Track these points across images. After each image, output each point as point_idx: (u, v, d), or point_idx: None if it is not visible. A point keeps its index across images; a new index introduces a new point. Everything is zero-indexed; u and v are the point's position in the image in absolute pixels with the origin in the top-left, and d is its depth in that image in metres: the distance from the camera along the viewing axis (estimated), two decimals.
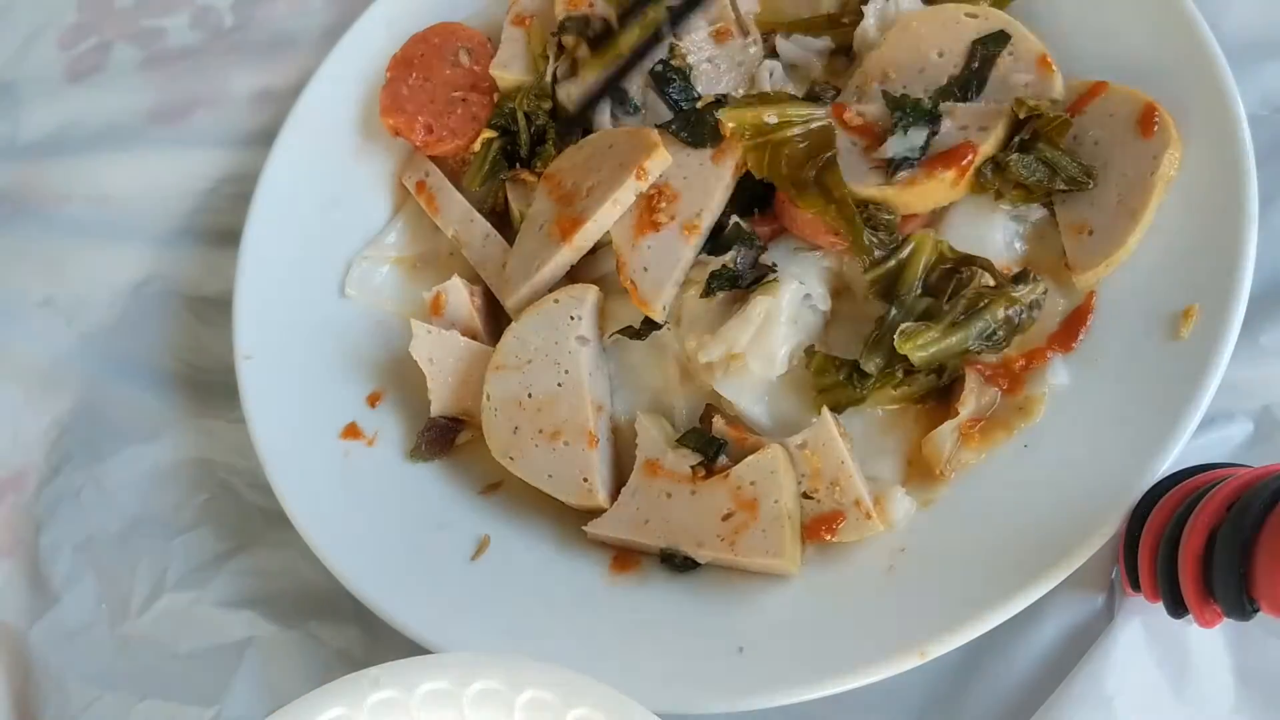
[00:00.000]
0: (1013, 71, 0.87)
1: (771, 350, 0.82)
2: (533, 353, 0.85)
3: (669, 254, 0.85)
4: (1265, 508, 0.59)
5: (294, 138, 1.03)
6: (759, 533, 0.76)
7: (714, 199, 0.85)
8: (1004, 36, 0.87)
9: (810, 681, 0.70)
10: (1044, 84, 0.85)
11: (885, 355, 0.78)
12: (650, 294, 0.85)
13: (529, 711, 0.59)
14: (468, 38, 1.03)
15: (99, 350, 1.06)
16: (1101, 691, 0.70)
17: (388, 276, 1.01)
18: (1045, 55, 0.86)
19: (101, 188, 1.16)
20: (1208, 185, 0.78)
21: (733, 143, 0.85)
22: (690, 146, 0.87)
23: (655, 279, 0.85)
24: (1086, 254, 0.81)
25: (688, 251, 0.85)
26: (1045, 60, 0.86)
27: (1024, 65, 0.86)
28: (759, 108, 0.84)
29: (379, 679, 0.60)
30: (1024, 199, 0.83)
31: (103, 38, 1.27)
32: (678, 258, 0.85)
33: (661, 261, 0.85)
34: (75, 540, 0.95)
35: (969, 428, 0.78)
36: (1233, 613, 0.61)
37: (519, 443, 0.84)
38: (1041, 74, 0.86)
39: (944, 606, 0.71)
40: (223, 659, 0.87)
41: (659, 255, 0.86)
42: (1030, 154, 0.82)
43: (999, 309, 0.78)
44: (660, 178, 0.87)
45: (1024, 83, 0.86)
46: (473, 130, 1.00)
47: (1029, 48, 0.87)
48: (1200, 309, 0.75)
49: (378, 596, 0.81)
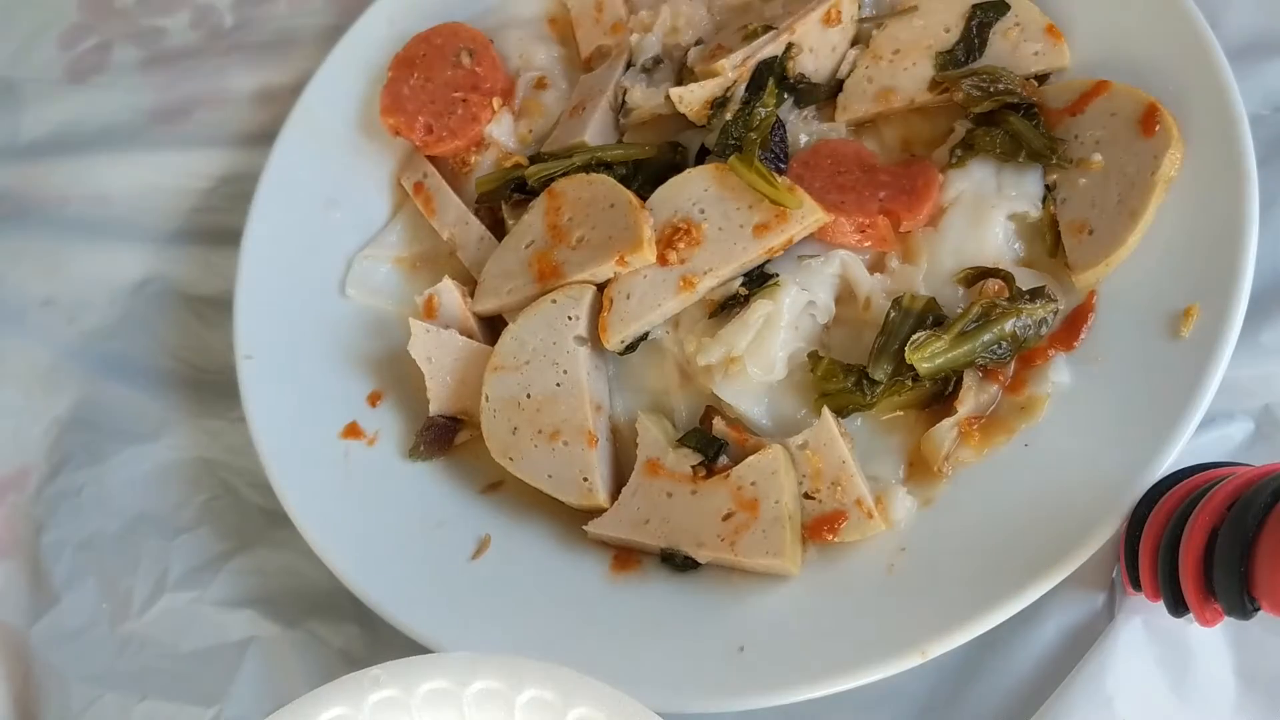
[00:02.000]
0: (1021, 42, 0.88)
1: (770, 355, 0.82)
2: (531, 353, 0.85)
3: (654, 296, 0.84)
4: (1266, 507, 0.59)
5: (294, 138, 1.03)
6: (759, 533, 0.76)
7: (729, 267, 0.84)
8: (1003, 6, 0.89)
9: (810, 681, 0.70)
10: (1053, 52, 0.88)
11: (894, 363, 0.78)
12: (616, 324, 0.84)
13: (529, 711, 0.59)
14: (469, 39, 1.03)
15: (99, 350, 1.06)
16: (1102, 691, 0.70)
17: (388, 276, 1.01)
18: (1051, 24, 0.88)
19: (102, 188, 1.16)
20: (1208, 185, 0.78)
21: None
22: (747, 195, 0.84)
23: (628, 311, 0.85)
24: (1087, 253, 0.80)
25: (672, 304, 0.84)
26: (1052, 29, 0.88)
27: (1031, 34, 0.88)
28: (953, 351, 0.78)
29: (380, 678, 0.60)
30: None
31: (103, 38, 1.27)
32: (659, 304, 0.84)
33: (644, 299, 0.85)
34: (76, 540, 0.95)
35: (969, 426, 0.78)
36: (1233, 612, 0.61)
37: (518, 443, 0.84)
38: (1050, 42, 0.88)
39: (944, 606, 0.71)
40: (223, 658, 0.87)
41: (646, 291, 0.85)
42: (999, 126, 0.85)
43: (1008, 323, 0.78)
44: (700, 213, 0.85)
45: (1033, 51, 0.88)
46: (473, 130, 1.00)
47: (1034, 18, 0.89)
48: (1201, 308, 0.75)
49: (378, 596, 0.81)
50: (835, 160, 0.88)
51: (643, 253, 0.84)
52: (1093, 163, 0.83)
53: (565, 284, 0.87)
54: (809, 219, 0.82)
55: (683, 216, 0.85)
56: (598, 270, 0.86)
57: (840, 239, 0.85)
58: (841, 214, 0.84)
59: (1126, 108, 0.82)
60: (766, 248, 0.83)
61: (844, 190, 0.86)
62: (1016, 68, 0.87)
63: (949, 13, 0.91)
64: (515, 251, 0.91)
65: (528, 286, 0.89)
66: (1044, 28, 0.88)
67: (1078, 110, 0.84)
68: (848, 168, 0.87)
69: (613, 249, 0.85)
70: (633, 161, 0.92)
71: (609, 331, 0.84)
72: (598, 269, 0.86)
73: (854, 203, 0.85)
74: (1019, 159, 0.85)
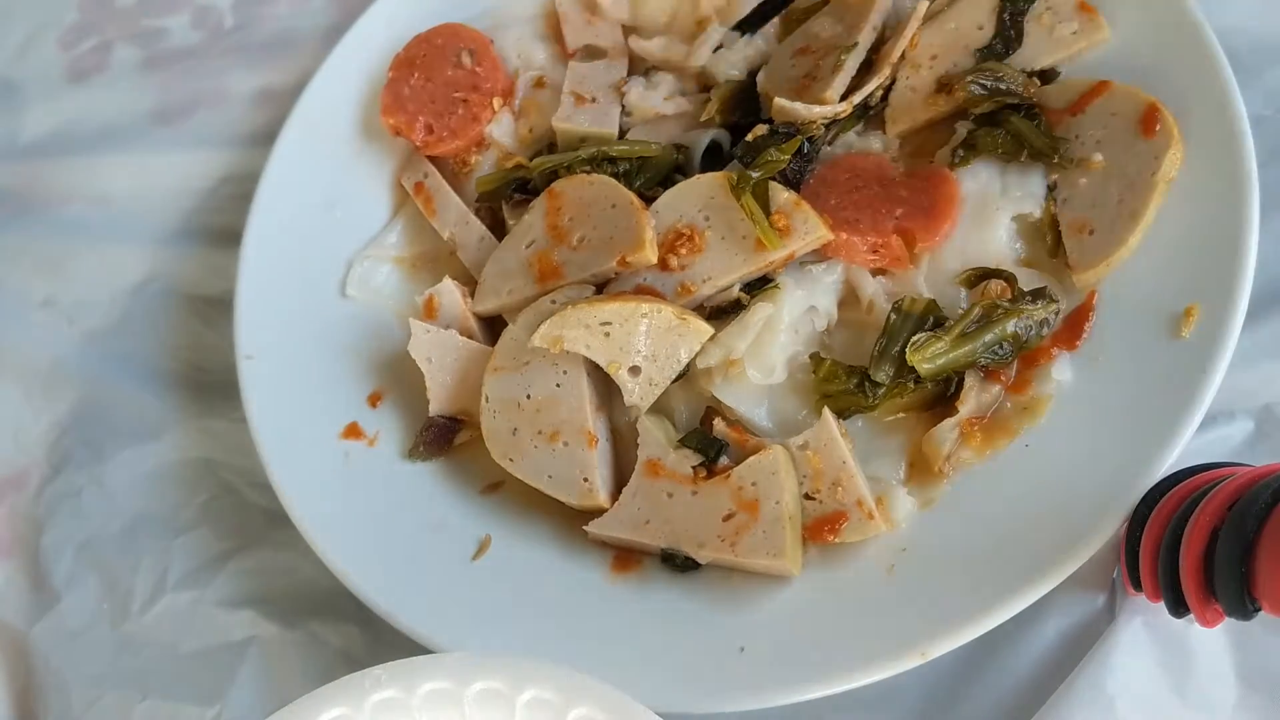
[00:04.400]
0: (1056, 24, 0.89)
1: (770, 358, 0.82)
2: (530, 354, 0.85)
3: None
4: (1266, 507, 0.59)
5: (294, 138, 1.03)
6: (760, 534, 0.76)
7: (726, 279, 0.84)
8: None
9: (810, 681, 0.70)
10: (1090, 26, 0.88)
11: (895, 365, 0.78)
12: None
13: (530, 711, 0.59)
14: (470, 39, 1.03)
15: (100, 350, 1.07)
16: (1103, 691, 0.70)
17: (388, 276, 1.01)
18: (1083, 1, 0.88)
19: (102, 188, 1.16)
20: (1209, 185, 0.78)
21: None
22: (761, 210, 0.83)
23: None
24: (1087, 253, 0.81)
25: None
26: (1084, 4, 0.88)
27: (1064, 15, 0.89)
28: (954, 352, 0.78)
29: (380, 679, 0.60)
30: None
31: (103, 38, 1.27)
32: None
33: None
34: (76, 540, 0.96)
35: (970, 427, 0.78)
36: (1234, 612, 0.60)
37: (518, 444, 0.84)
38: (1085, 18, 0.88)
39: (945, 606, 0.71)
40: (224, 659, 0.87)
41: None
42: (1000, 127, 0.85)
43: (1010, 323, 0.78)
44: (704, 220, 0.85)
45: (1071, 31, 0.88)
46: (473, 130, 1.00)
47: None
48: (1201, 308, 0.75)
49: (379, 596, 0.81)
50: (853, 175, 0.87)
51: (644, 253, 0.84)
52: (1093, 163, 0.83)
53: (565, 284, 0.87)
54: (811, 236, 0.82)
55: (687, 223, 0.85)
56: (599, 271, 0.86)
57: (853, 257, 0.84)
58: (855, 233, 0.84)
59: (1127, 108, 0.82)
60: (767, 261, 0.83)
61: (859, 207, 0.85)
62: (1059, 50, 0.88)
63: (979, 10, 0.91)
64: (515, 252, 0.91)
65: (528, 287, 0.89)
66: (1076, 5, 0.89)
67: (1078, 110, 0.84)
68: (866, 182, 0.86)
69: (614, 249, 0.85)
70: (636, 159, 0.92)
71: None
72: (599, 269, 0.86)
73: (869, 221, 0.84)
74: (1021, 159, 0.85)
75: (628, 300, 0.82)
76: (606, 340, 0.81)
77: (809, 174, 0.88)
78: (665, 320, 0.81)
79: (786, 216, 0.83)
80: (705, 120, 0.95)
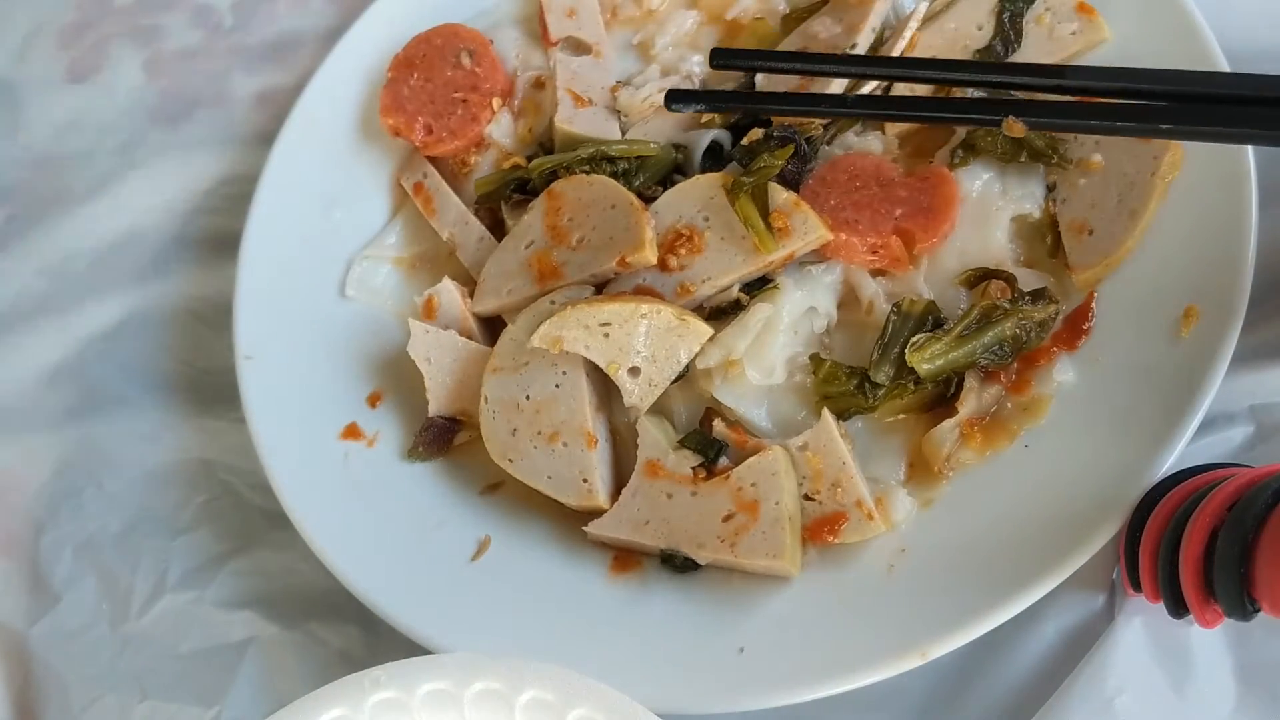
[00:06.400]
0: (1055, 25, 0.89)
1: (769, 358, 0.82)
2: (530, 354, 0.85)
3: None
4: (1266, 508, 0.59)
5: (293, 138, 1.03)
6: (759, 534, 0.76)
7: (726, 279, 0.84)
8: None
9: (810, 681, 0.70)
10: (1090, 27, 0.88)
11: (895, 366, 0.78)
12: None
13: (530, 712, 0.60)
14: (469, 39, 1.03)
15: (99, 350, 1.06)
16: (1102, 692, 0.70)
17: (388, 276, 1.01)
18: (1082, 1, 0.88)
19: (101, 188, 1.16)
20: (1208, 185, 0.78)
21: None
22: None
23: None
24: (1087, 254, 0.81)
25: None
26: (1083, 5, 0.88)
27: (1063, 15, 0.89)
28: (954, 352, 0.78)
29: (380, 679, 0.60)
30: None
31: (102, 37, 1.27)
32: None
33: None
34: (76, 540, 0.95)
35: (970, 427, 0.78)
36: (1234, 613, 0.60)
37: (518, 444, 0.84)
38: (1084, 19, 0.88)
39: (945, 606, 0.71)
40: (223, 659, 0.87)
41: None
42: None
43: (1009, 324, 0.78)
44: (704, 220, 0.85)
45: (1070, 31, 0.88)
46: (473, 131, 1.00)
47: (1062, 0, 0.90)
48: (1201, 309, 0.75)
49: (378, 597, 0.81)
50: (853, 175, 0.86)
51: (644, 253, 0.84)
52: (1093, 163, 0.83)
53: (565, 285, 0.87)
54: (810, 236, 0.82)
55: (686, 223, 0.85)
56: (598, 271, 0.86)
57: (852, 258, 0.84)
58: (854, 234, 0.84)
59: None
60: (766, 261, 0.83)
61: (859, 208, 0.85)
62: (1058, 51, 0.88)
63: (978, 11, 0.91)
64: (515, 252, 0.91)
65: (527, 287, 0.89)
66: (1074, 5, 0.89)
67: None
68: (865, 183, 0.86)
69: (614, 250, 0.85)
70: (635, 159, 0.92)
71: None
72: (598, 270, 0.86)
73: (868, 221, 0.84)
74: (1020, 159, 0.84)
75: (627, 301, 0.82)
76: (606, 341, 0.81)
77: (808, 174, 0.88)
78: (665, 321, 0.81)
79: (785, 217, 0.83)
80: (705, 120, 0.95)
